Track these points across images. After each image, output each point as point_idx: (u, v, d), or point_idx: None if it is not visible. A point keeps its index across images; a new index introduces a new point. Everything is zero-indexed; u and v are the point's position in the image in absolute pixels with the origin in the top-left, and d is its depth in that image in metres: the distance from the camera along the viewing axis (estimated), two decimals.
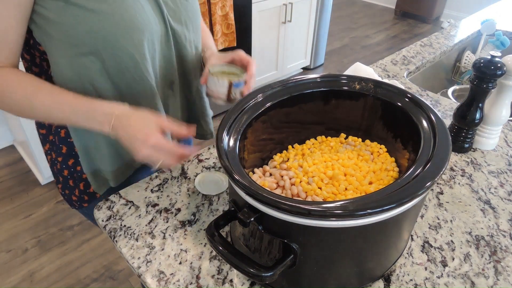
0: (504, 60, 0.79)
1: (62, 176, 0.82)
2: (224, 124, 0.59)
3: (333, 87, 0.69)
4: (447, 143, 0.54)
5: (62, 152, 0.79)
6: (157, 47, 0.72)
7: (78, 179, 0.80)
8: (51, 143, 0.81)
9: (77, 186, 0.81)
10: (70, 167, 0.79)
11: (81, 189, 0.81)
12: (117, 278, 1.66)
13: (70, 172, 0.80)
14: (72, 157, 0.78)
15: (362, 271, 0.56)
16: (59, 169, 0.81)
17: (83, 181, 0.80)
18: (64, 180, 0.82)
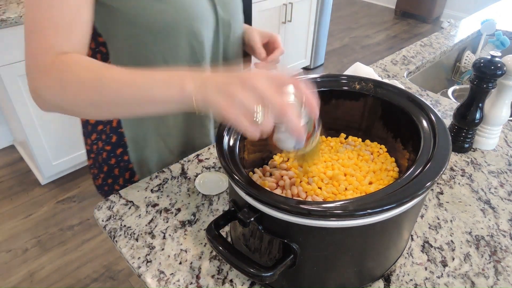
0: (504, 60, 0.79)
1: (107, 165, 0.84)
2: (224, 124, 0.59)
3: (333, 87, 0.69)
4: (447, 143, 0.54)
5: (112, 142, 0.81)
6: (209, 36, 0.75)
7: (124, 168, 0.84)
8: (99, 133, 0.81)
9: (123, 175, 0.84)
10: (117, 156, 0.82)
11: (126, 178, 0.85)
12: (117, 278, 1.66)
13: (117, 161, 0.83)
14: (120, 147, 0.81)
15: (362, 271, 0.56)
16: (104, 158, 0.83)
17: (129, 170, 0.84)
18: (109, 170, 0.84)
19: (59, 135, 1.96)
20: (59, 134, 1.96)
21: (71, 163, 2.10)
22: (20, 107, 1.75)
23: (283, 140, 0.50)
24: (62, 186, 2.11)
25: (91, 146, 0.84)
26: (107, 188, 0.87)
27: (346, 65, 3.43)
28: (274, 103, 0.45)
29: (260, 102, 0.45)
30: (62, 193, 2.07)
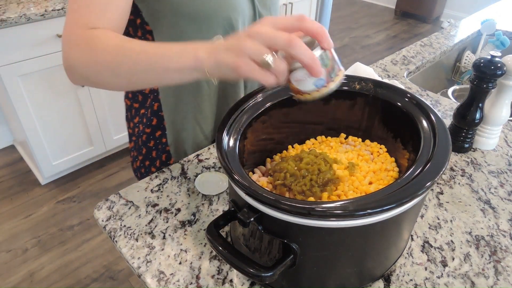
0: (504, 60, 0.79)
1: (146, 147, 0.89)
2: (224, 124, 0.59)
3: None
4: (447, 143, 0.54)
5: (152, 124, 0.86)
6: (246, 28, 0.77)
7: (161, 151, 0.88)
8: (141, 116, 0.87)
9: (160, 157, 0.89)
10: (156, 138, 0.87)
11: (162, 160, 0.89)
12: (117, 278, 1.66)
13: (156, 144, 0.88)
14: (160, 130, 0.86)
15: (362, 271, 0.56)
16: (144, 140, 0.88)
17: (166, 152, 0.88)
18: (147, 152, 0.89)
19: (59, 135, 1.96)
20: (59, 134, 1.96)
21: (71, 163, 2.10)
22: (20, 107, 1.75)
23: (302, 80, 0.48)
24: (62, 186, 2.11)
25: (133, 129, 0.90)
26: (144, 171, 0.92)
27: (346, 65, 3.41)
28: (280, 39, 0.44)
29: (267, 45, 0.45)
30: (62, 193, 2.07)
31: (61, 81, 1.83)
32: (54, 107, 1.87)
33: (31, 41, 1.66)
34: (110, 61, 0.59)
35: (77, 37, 0.62)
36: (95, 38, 0.60)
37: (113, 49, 0.59)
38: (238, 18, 0.75)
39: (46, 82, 1.79)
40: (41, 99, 1.81)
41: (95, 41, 0.60)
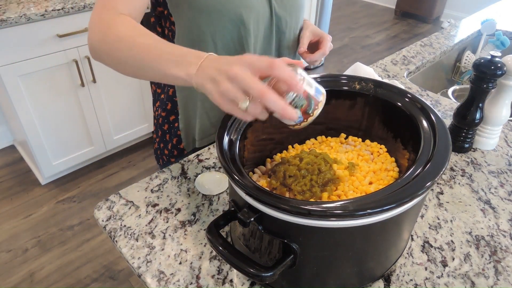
0: (504, 60, 0.79)
1: (161, 130, 0.95)
2: (224, 124, 0.59)
3: (333, 87, 0.69)
4: (447, 143, 0.54)
5: (167, 108, 0.91)
6: (261, 28, 0.81)
7: (173, 135, 0.93)
8: (161, 101, 0.93)
9: (171, 140, 0.94)
10: (170, 122, 0.92)
11: (173, 144, 0.94)
12: (117, 278, 1.66)
13: (169, 127, 0.93)
14: (173, 114, 0.91)
15: (362, 271, 0.56)
16: (160, 123, 0.94)
17: (177, 137, 0.93)
18: (162, 134, 0.95)
19: (59, 135, 1.96)
20: (59, 134, 1.96)
21: (71, 163, 2.10)
22: (20, 107, 1.75)
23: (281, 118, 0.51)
24: (62, 186, 2.11)
25: (155, 112, 0.96)
26: (159, 153, 0.99)
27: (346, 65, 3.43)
28: (254, 90, 0.47)
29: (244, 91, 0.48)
30: (62, 193, 2.07)
31: (61, 81, 1.83)
32: (54, 107, 1.87)
33: (31, 41, 1.66)
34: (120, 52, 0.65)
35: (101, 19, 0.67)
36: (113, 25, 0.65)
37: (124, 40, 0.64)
38: (250, 15, 0.76)
39: (46, 82, 1.79)
40: (41, 99, 1.81)
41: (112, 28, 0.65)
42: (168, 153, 0.97)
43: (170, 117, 0.92)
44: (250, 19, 0.77)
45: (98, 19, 0.68)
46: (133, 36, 0.64)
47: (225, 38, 0.78)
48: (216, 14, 0.74)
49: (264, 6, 0.79)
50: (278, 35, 0.86)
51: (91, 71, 1.89)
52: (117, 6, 0.68)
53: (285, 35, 0.87)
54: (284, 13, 0.83)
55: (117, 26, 0.65)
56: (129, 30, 0.65)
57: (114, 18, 0.66)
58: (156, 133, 0.98)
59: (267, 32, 0.83)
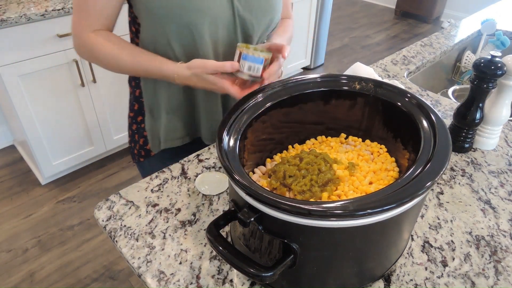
0: (504, 60, 0.79)
1: (131, 130, 0.97)
2: (224, 124, 0.59)
3: (333, 87, 0.69)
4: (447, 143, 0.54)
5: (134, 109, 0.93)
6: (222, 32, 0.79)
7: (140, 135, 0.95)
8: (130, 101, 0.96)
9: (138, 141, 0.96)
10: (138, 123, 0.94)
11: (140, 144, 0.96)
12: (117, 278, 1.66)
13: (137, 128, 0.95)
14: (141, 115, 0.93)
15: (362, 271, 0.56)
16: (129, 123, 0.97)
17: (143, 137, 0.95)
18: (132, 134, 0.97)
19: (59, 135, 1.96)
20: (59, 134, 1.96)
21: (71, 163, 2.10)
22: (20, 107, 1.75)
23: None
24: (62, 186, 2.11)
25: (129, 113, 0.98)
26: (130, 151, 1.01)
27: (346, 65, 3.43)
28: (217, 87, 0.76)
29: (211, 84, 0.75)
30: (62, 193, 2.07)
31: (61, 81, 1.83)
32: (54, 107, 1.87)
33: (31, 41, 1.66)
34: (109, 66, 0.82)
35: (80, 40, 0.79)
36: (94, 46, 0.78)
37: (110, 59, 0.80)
38: (203, 20, 0.75)
39: (46, 82, 1.79)
40: (41, 99, 1.81)
41: (95, 50, 0.79)
42: (137, 153, 0.98)
43: (137, 117, 0.94)
44: (203, 24, 0.75)
45: (78, 40, 0.80)
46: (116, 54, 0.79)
47: (182, 45, 0.79)
48: (166, 19, 0.75)
49: (224, 10, 0.76)
50: (245, 39, 0.83)
51: (91, 71, 1.89)
52: (91, 24, 0.78)
53: (252, 40, 0.83)
54: (249, 16, 0.79)
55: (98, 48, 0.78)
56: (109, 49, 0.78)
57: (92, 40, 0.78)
58: (128, 134, 1.00)
59: (231, 36, 0.80)
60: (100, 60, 0.81)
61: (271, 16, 0.83)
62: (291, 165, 0.61)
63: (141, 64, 0.79)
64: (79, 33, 0.79)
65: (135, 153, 0.99)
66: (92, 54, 0.80)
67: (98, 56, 0.80)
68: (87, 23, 0.77)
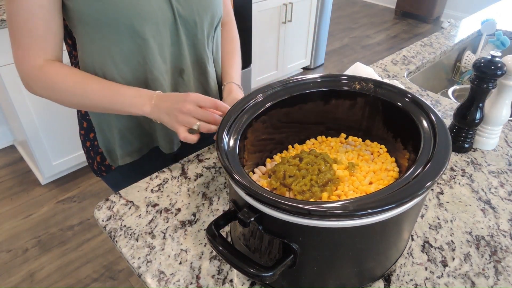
0: (505, 60, 0.79)
1: (85, 147, 0.92)
2: (224, 124, 0.59)
3: (333, 87, 0.69)
4: (447, 143, 0.54)
5: (84, 127, 0.88)
6: (165, 34, 0.75)
7: (96, 152, 0.90)
8: (78, 119, 0.91)
9: (95, 158, 0.91)
10: (91, 139, 0.89)
11: (98, 161, 0.91)
12: (117, 278, 1.66)
13: (91, 145, 0.90)
14: (92, 132, 0.87)
15: (362, 271, 0.56)
16: (82, 140, 0.92)
17: (99, 154, 0.90)
18: (87, 151, 0.92)
19: (59, 135, 1.96)
20: (59, 134, 1.96)
21: (71, 163, 2.10)
22: (20, 107, 1.75)
23: None
24: (62, 186, 2.11)
25: (80, 130, 0.92)
26: (93, 167, 0.95)
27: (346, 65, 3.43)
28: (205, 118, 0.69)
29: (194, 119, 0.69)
30: (62, 193, 2.07)
31: None
32: (54, 107, 1.87)
33: None
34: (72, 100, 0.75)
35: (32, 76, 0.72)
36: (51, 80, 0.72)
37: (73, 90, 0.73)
38: (145, 24, 0.71)
39: None
40: (41, 99, 1.81)
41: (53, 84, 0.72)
42: (97, 169, 0.93)
43: (89, 134, 0.88)
44: (145, 29, 0.71)
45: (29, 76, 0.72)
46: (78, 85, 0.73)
47: (123, 52, 0.74)
48: (107, 28, 0.70)
49: (164, 12, 0.73)
50: (189, 38, 0.80)
51: None
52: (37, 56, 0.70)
53: (197, 38, 0.80)
54: (191, 14, 0.77)
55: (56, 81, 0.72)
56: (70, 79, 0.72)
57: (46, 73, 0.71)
58: (84, 151, 0.94)
59: (173, 38, 0.77)
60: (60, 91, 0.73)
61: (213, 11, 0.80)
62: (291, 165, 0.61)
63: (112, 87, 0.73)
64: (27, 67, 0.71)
65: (95, 169, 0.94)
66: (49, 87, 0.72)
67: (56, 87, 0.72)
68: (34, 52, 0.70)
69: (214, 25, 0.83)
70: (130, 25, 0.70)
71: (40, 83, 0.72)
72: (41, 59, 0.71)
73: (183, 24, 0.77)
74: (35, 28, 0.68)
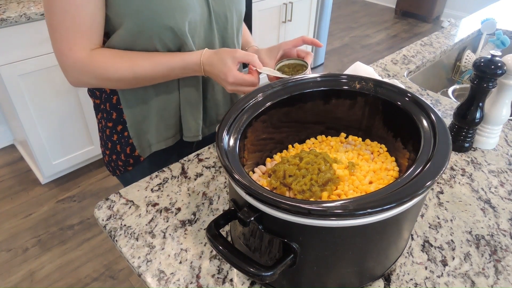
0: (505, 60, 0.79)
1: (111, 141, 0.91)
2: (224, 124, 0.59)
3: (333, 86, 0.69)
4: (447, 143, 0.54)
5: (112, 118, 0.88)
6: (200, 28, 0.79)
7: (125, 144, 0.90)
8: (102, 111, 0.89)
9: (124, 150, 0.90)
10: (119, 132, 0.89)
11: (127, 153, 0.91)
12: (117, 277, 1.66)
13: (119, 138, 0.89)
14: (120, 123, 0.88)
15: (362, 270, 0.56)
16: (108, 135, 0.90)
17: (130, 145, 0.90)
18: (112, 145, 0.91)
19: (59, 134, 1.96)
20: (59, 133, 1.96)
21: (71, 162, 2.10)
22: (20, 107, 1.75)
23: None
24: (62, 185, 2.12)
25: (99, 124, 0.93)
26: (113, 164, 0.94)
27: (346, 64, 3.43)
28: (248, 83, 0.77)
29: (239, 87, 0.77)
30: (62, 192, 2.07)
31: (61, 80, 1.83)
32: (54, 107, 1.87)
33: (31, 40, 1.66)
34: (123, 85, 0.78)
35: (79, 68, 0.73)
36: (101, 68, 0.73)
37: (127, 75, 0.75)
38: (185, 17, 0.74)
39: (46, 82, 1.79)
40: (41, 98, 1.81)
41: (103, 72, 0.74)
42: (123, 164, 0.93)
43: (117, 126, 0.88)
44: (185, 22, 0.74)
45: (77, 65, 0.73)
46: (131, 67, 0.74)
47: (165, 44, 0.76)
48: (148, 21, 0.72)
49: (202, 6, 0.77)
50: (220, 32, 0.84)
51: None
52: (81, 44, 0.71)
53: (227, 32, 0.85)
54: (223, 8, 0.81)
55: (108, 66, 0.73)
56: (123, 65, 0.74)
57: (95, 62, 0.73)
58: (104, 146, 0.94)
59: (207, 32, 0.81)
60: (112, 77, 0.75)
61: (240, 7, 0.86)
62: (291, 164, 0.61)
63: (161, 63, 0.75)
64: (73, 60, 0.72)
65: (119, 165, 0.93)
66: (101, 75, 0.74)
67: (108, 74, 0.74)
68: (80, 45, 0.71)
69: (241, 20, 0.88)
70: (172, 17, 0.72)
71: (89, 73, 0.74)
72: (87, 50, 0.72)
73: (215, 19, 0.81)
74: (83, 23, 0.69)
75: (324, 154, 0.62)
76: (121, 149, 0.91)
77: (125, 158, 0.91)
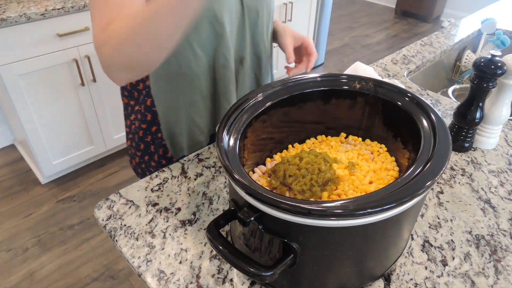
0: (505, 59, 0.79)
1: (144, 143, 0.91)
2: (224, 124, 0.59)
3: (333, 86, 0.69)
4: (447, 143, 0.54)
5: (147, 120, 0.88)
6: (234, 22, 0.80)
7: (158, 145, 0.90)
8: (136, 113, 0.89)
9: (157, 151, 0.91)
10: (152, 133, 0.89)
11: (160, 154, 0.91)
12: (117, 277, 1.66)
13: (153, 138, 0.90)
14: (155, 124, 0.88)
15: (362, 270, 0.56)
16: (141, 136, 0.90)
17: (162, 147, 0.90)
18: (145, 147, 0.91)
19: (59, 134, 1.96)
20: (59, 133, 1.96)
21: (71, 162, 2.10)
22: (20, 107, 1.75)
23: None
24: (62, 185, 2.12)
25: (130, 126, 0.92)
26: (144, 166, 0.94)
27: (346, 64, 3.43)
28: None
29: None
30: (62, 192, 2.07)
31: (61, 80, 1.83)
32: (54, 107, 1.87)
33: (31, 40, 1.66)
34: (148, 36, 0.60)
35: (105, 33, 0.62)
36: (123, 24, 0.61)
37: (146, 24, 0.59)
38: (223, 10, 0.75)
39: (46, 82, 1.79)
40: (41, 98, 1.81)
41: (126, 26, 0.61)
42: (155, 165, 0.93)
43: (151, 128, 0.88)
44: (223, 15, 0.76)
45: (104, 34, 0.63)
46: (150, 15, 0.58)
47: (201, 39, 0.77)
48: None
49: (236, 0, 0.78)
50: (251, 27, 0.85)
51: (91, 70, 1.89)
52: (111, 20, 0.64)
53: (257, 27, 0.86)
54: (255, 3, 0.82)
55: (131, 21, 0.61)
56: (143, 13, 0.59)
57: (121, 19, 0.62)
58: (135, 148, 0.93)
59: (240, 26, 0.83)
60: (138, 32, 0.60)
61: (270, 3, 0.87)
62: (291, 164, 0.61)
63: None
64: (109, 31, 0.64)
65: (152, 166, 0.93)
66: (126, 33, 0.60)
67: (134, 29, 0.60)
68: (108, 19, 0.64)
69: (271, 18, 0.90)
70: (211, 9, 0.73)
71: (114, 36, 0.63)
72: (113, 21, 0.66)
73: (248, 14, 0.82)
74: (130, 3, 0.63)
75: (324, 154, 0.62)
76: (155, 150, 0.91)
77: (158, 159, 0.92)
